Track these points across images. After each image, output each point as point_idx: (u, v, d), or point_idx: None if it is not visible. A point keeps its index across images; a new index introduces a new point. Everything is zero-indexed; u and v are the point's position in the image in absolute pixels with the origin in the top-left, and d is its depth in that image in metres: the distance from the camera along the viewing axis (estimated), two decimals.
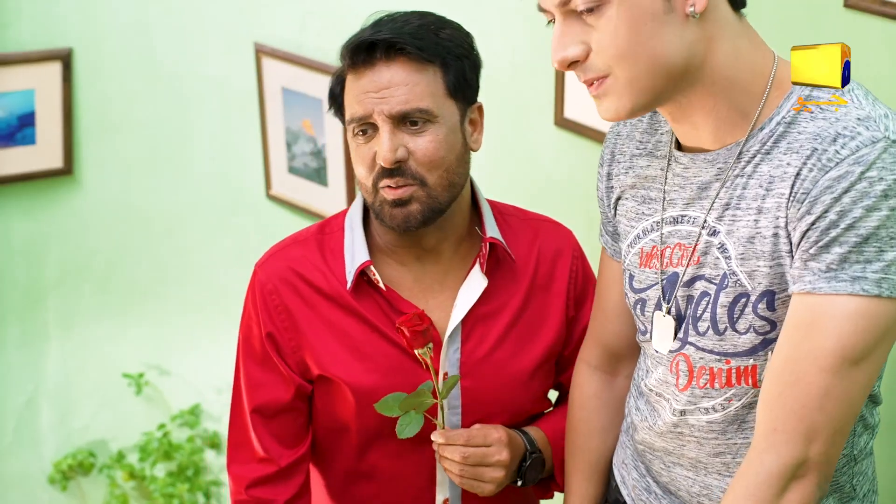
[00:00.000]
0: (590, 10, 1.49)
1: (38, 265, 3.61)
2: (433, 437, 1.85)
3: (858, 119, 1.47)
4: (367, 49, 1.80)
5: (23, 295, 3.62)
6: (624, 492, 1.84)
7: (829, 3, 2.06)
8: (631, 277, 1.73)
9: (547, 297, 1.96)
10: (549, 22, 1.57)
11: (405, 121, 1.79)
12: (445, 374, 1.88)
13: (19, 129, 3.41)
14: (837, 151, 1.46)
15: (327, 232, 1.94)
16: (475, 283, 1.90)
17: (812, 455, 1.50)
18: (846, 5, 2.02)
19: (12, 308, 3.62)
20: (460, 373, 1.89)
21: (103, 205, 3.61)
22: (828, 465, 1.52)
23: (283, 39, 3.26)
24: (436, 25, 1.86)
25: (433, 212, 1.82)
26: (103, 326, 3.71)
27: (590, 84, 1.54)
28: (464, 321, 1.90)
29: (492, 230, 1.91)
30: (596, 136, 2.54)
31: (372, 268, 1.86)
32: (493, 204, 1.99)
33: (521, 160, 2.82)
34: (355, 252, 1.88)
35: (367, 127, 1.80)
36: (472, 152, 1.90)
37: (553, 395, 2.12)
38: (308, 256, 1.91)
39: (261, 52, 3.30)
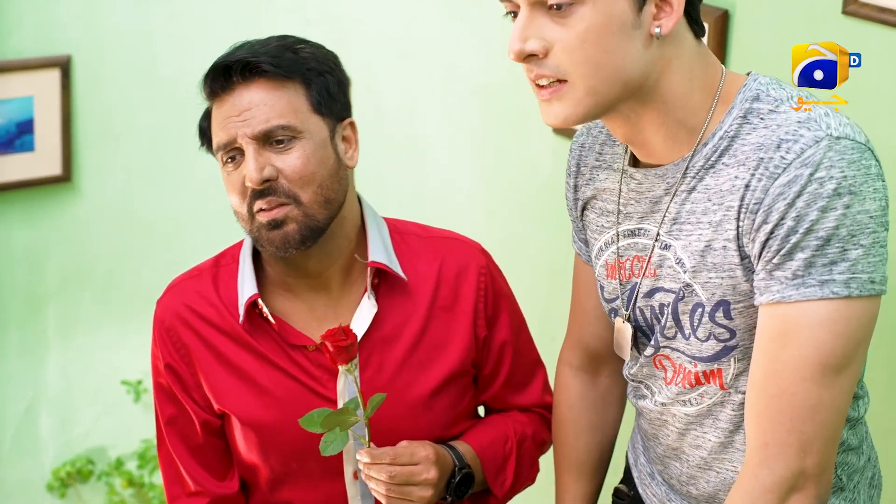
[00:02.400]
0: (559, 7, 1.48)
1: (37, 273, 3.61)
2: (358, 455, 1.79)
3: (798, 122, 1.48)
4: (223, 74, 1.78)
5: (23, 302, 3.62)
6: (634, 474, 1.86)
7: (827, 10, 2.06)
8: (602, 288, 1.74)
9: (451, 317, 1.91)
10: (508, 13, 1.55)
11: (270, 140, 1.76)
12: None
13: (18, 137, 3.41)
14: (783, 157, 1.46)
15: (222, 264, 1.92)
16: (365, 310, 1.86)
17: (808, 467, 1.50)
18: (844, 12, 2.02)
19: (12, 315, 3.62)
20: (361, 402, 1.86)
21: (103, 212, 3.61)
22: (825, 474, 1.52)
23: None
24: (295, 44, 1.83)
25: (311, 230, 1.78)
26: (103, 334, 3.71)
27: (541, 85, 1.53)
28: (360, 349, 1.85)
29: (377, 253, 1.86)
30: None
31: (260, 301, 1.83)
32: (392, 223, 1.94)
33: (520, 167, 2.82)
34: (244, 286, 1.85)
35: (234, 153, 1.78)
36: (349, 169, 1.86)
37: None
38: (201, 291, 1.89)
39: None
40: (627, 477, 1.89)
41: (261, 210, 1.77)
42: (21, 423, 3.69)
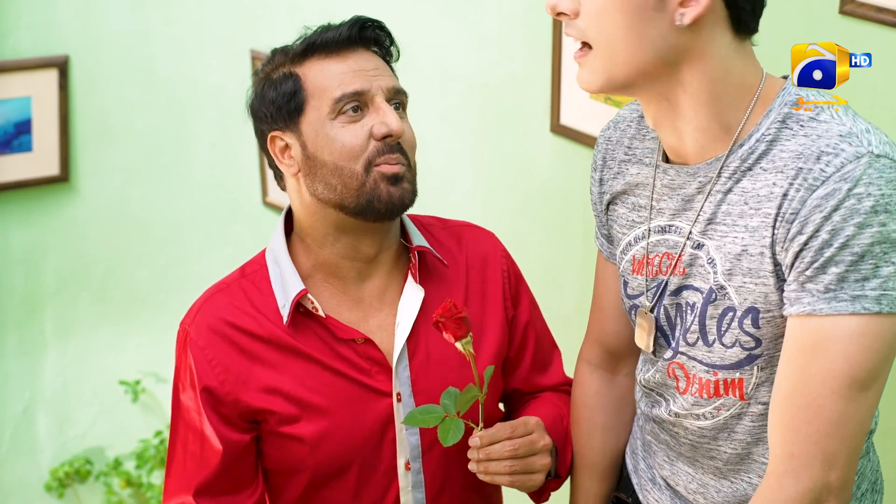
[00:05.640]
0: None
1: (35, 273, 3.61)
2: (471, 441, 1.76)
3: (840, 135, 1.48)
4: (359, 30, 1.81)
5: (20, 303, 3.62)
6: (634, 481, 1.84)
7: (824, 10, 2.06)
8: (625, 284, 1.74)
9: (484, 302, 1.92)
10: None
11: (391, 102, 1.80)
12: (398, 394, 1.83)
13: (16, 137, 3.41)
14: (823, 169, 1.46)
15: (248, 273, 1.88)
16: (412, 296, 1.86)
17: (832, 480, 1.50)
18: (841, 11, 2.03)
19: (10, 316, 3.62)
20: (413, 391, 1.84)
21: (100, 213, 3.61)
22: (847, 488, 1.53)
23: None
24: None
25: (414, 196, 1.80)
26: (101, 334, 3.71)
27: (577, 48, 1.56)
28: (409, 337, 1.85)
29: (417, 239, 1.88)
30: (592, 142, 2.54)
31: (309, 296, 1.81)
32: (412, 217, 1.96)
33: (518, 167, 2.82)
34: (287, 284, 1.82)
35: (358, 104, 1.78)
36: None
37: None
38: (235, 303, 1.85)
39: (257, 59, 3.30)
40: (626, 484, 1.89)
41: (385, 164, 1.77)
42: (19, 423, 3.69)
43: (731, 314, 1.57)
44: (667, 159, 1.65)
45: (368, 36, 1.82)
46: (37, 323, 3.65)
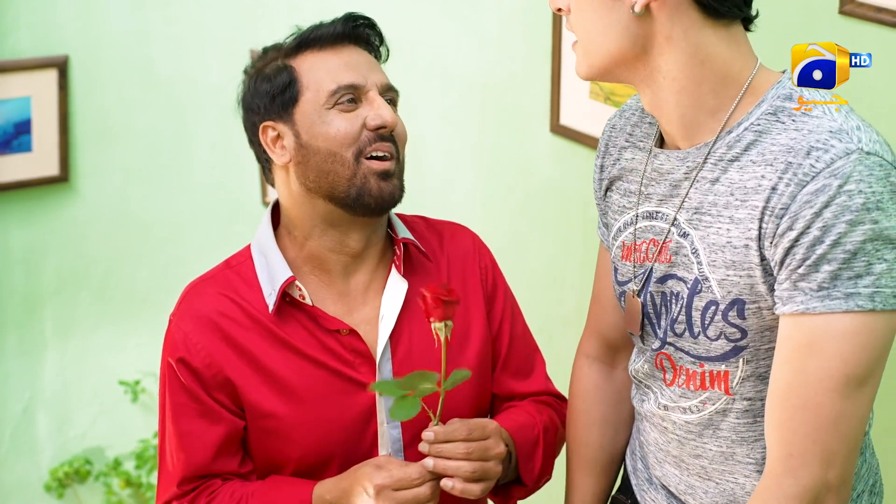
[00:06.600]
0: None
1: (35, 273, 3.61)
2: (425, 434, 1.74)
3: (831, 131, 1.48)
4: (353, 27, 1.84)
5: (20, 303, 3.62)
6: (633, 481, 1.84)
7: (823, 10, 2.06)
8: (616, 270, 1.74)
9: (467, 301, 1.92)
10: None
11: (384, 98, 1.84)
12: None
13: (15, 137, 3.41)
14: (812, 165, 1.46)
15: (233, 265, 1.89)
16: (396, 288, 1.87)
17: (831, 479, 1.50)
18: (841, 11, 2.03)
19: (10, 316, 3.62)
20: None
21: (100, 213, 3.61)
22: (845, 486, 1.53)
23: None
24: None
25: (402, 192, 1.84)
26: (101, 334, 3.71)
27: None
28: (391, 331, 1.85)
29: (403, 232, 1.90)
30: (591, 142, 2.54)
31: (297, 283, 1.82)
32: (396, 215, 1.98)
33: (518, 167, 2.82)
34: (274, 272, 1.83)
35: (353, 96, 1.81)
36: None
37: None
38: (220, 291, 1.86)
39: None
40: (625, 485, 1.88)
41: (374, 158, 1.80)
42: (19, 423, 3.69)
43: (713, 307, 1.57)
44: (662, 146, 1.66)
45: (360, 33, 1.86)
46: (37, 323, 3.65)
